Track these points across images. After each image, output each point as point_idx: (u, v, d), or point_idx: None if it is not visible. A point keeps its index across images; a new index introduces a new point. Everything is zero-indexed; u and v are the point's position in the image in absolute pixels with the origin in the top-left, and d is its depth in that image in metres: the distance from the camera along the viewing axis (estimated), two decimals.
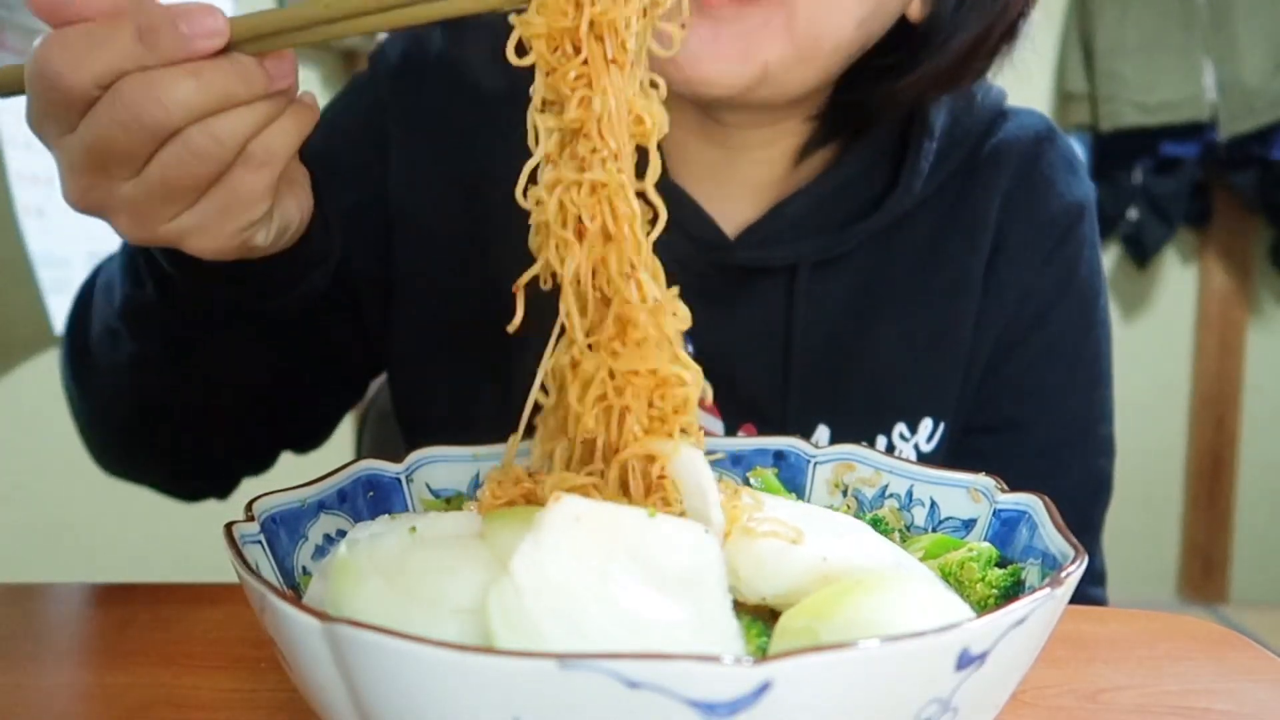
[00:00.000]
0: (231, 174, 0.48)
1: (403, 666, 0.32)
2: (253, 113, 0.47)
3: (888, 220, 0.75)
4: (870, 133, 0.76)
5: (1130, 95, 2.79)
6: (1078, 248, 0.79)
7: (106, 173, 0.47)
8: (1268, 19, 2.75)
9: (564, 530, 0.39)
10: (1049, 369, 0.79)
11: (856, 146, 0.76)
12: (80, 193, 0.49)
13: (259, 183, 0.49)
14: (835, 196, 0.75)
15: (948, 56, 0.69)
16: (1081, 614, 0.62)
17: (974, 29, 0.69)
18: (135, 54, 0.45)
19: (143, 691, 0.51)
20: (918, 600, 0.41)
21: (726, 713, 0.31)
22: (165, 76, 0.45)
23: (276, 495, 0.49)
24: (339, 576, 0.41)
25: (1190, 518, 3.11)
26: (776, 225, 0.75)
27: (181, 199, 0.48)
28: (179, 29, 0.45)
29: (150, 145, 0.46)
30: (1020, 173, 0.79)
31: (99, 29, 0.45)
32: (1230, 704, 0.51)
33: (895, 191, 0.75)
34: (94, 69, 0.44)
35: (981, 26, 0.69)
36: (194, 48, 0.45)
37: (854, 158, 0.75)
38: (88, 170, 0.47)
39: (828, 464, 0.60)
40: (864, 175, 0.76)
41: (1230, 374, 3.04)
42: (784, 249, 0.74)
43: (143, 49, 0.45)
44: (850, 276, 0.76)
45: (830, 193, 0.75)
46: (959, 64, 0.70)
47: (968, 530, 0.54)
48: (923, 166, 0.75)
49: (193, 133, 0.46)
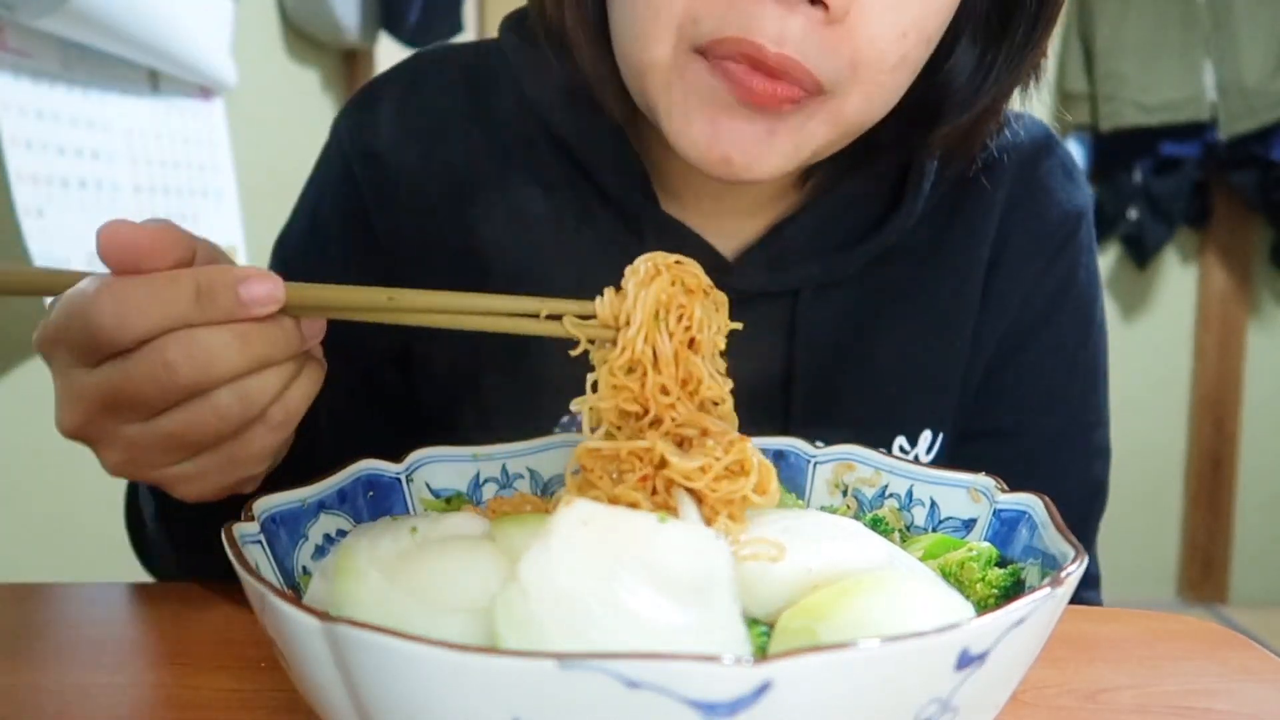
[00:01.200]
0: (247, 434, 0.47)
1: (403, 666, 0.32)
2: (282, 373, 0.47)
3: (889, 242, 0.74)
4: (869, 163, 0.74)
5: (1130, 95, 2.79)
6: (1076, 254, 0.79)
7: (114, 414, 0.46)
8: (1268, 19, 2.75)
9: (573, 534, 0.39)
10: (1046, 375, 0.79)
11: (854, 173, 0.74)
12: (77, 426, 0.47)
13: (273, 441, 0.48)
14: (836, 218, 0.74)
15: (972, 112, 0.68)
16: (1081, 614, 0.62)
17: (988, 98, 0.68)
18: (189, 314, 0.44)
19: (143, 691, 0.51)
20: (918, 600, 0.41)
21: (726, 713, 0.31)
22: (211, 337, 0.44)
23: (276, 495, 0.49)
24: (339, 576, 0.41)
25: (1190, 518, 3.11)
26: (776, 248, 0.74)
27: (185, 450, 0.47)
28: (238, 294, 0.44)
29: (175, 401, 0.45)
30: (1019, 182, 0.78)
31: (162, 286, 0.44)
32: (1230, 704, 0.51)
33: (898, 213, 0.74)
34: (145, 325, 0.43)
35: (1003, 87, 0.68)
36: (249, 313, 0.44)
37: (855, 177, 0.74)
38: (94, 408, 0.46)
39: (828, 464, 0.60)
40: (865, 195, 0.75)
41: (1230, 374, 3.04)
42: (785, 274, 0.73)
43: (197, 308, 0.44)
44: (850, 295, 0.75)
45: (831, 215, 0.74)
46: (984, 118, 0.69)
47: (968, 530, 0.54)
48: (925, 187, 0.74)
49: (221, 393, 0.45)
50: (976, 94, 0.68)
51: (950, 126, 0.69)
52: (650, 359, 0.49)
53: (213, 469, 0.48)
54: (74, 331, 0.44)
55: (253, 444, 0.48)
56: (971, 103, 0.68)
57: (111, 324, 0.43)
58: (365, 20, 2.16)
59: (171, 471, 0.48)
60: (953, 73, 0.67)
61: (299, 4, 1.98)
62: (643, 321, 0.49)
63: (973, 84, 0.68)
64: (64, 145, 1.24)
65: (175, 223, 0.46)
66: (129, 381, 0.44)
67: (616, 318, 0.50)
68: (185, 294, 0.44)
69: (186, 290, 0.44)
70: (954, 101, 0.68)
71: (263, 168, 1.84)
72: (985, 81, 0.67)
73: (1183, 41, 2.79)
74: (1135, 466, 2.98)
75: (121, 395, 0.45)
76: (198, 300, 0.44)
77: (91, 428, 0.47)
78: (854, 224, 0.75)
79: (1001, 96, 0.69)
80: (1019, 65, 0.67)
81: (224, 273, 0.45)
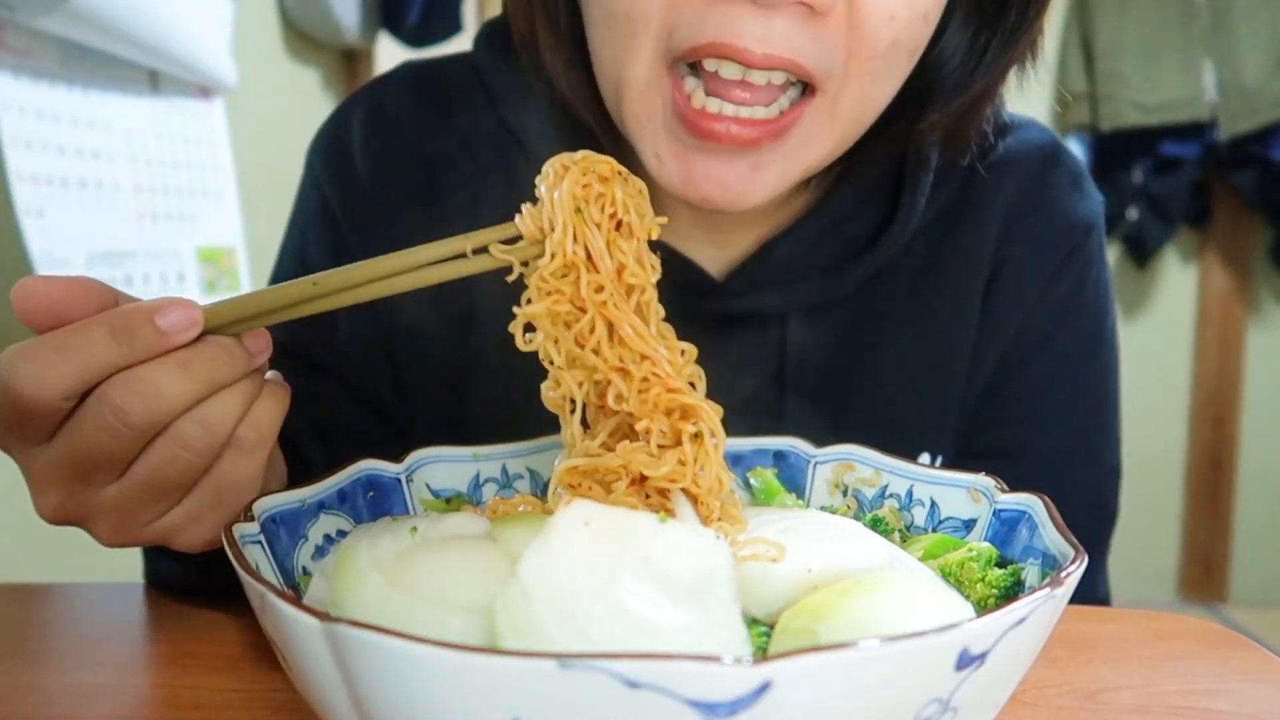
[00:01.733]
0: (222, 463, 0.47)
1: (403, 666, 0.32)
2: (238, 394, 0.46)
3: (883, 260, 0.72)
4: (862, 166, 0.72)
5: (1130, 95, 2.79)
6: (1084, 267, 0.76)
7: (87, 480, 0.45)
8: (1268, 19, 2.75)
9: (573, 534, 0.39)
10: (1053, 392, 0.76)
11: (848, 181, 0.72)
12: (55, 506, 0.46)
13: (250, 466, 0.48)
14: (827, 236, 0.72)
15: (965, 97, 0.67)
16: (1081, 614, 0.62)
17: (983, 81, 0.66)
18: (110, 357, 0.43)
19: (143, 691, 0.51)
20: (917, 600, 0.41)
21: (726, 713, 0.31)
22: (151, 371, 0.43)
23: (276, 495, 0.49)
24: (340, 576, 0.41)
25: (1190, 518, 3.11)
26: (766, 268, 0.71)
27: (168, 496, 0.47)
28: (155, 324, 0.43)
29: (137, 445, 0.44)
30: (1023, 191, 0.75)
31: (67, 338, 0.43)
32: (1230, 704, 0.51)
33: (891, 230, 0.71)
34: (63, 382, 0.43)
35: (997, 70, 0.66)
36: (172, 342, 0.44)
37: (846, 192, 0.72)
38: (64, 480, 0.45)
39: (828, 464, 0.60)
40: (857, 211, 0.72)
41: (1230, 374, 3.04)
42: (775, 296, 0.71)
43: (119, 349, 0.43)
44: (844, 312, 0.73)
45: (821, 233, 0.71)
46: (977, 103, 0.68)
47: (968, 530, 0.54)
48: (920, 202, 0.71)
49: (181, 425, 0.44)
50: (971, 76, 0.66)
51: (943, 112, 0.67)
52: (584, 258, 0.47)
53: (203, 509, 0.48)
54: (6, 410, 0.44)
55: (232, 472, 0.47)
56: (966, 85, 0.66)
57: (32, 389, 0.42)
58: (365, 20, 2.16)
59: (163, 524, 0.48)
60: (944, 55, 0.66)
61: (299, 4, 1.98)
62: (565, 220, 0.47)
63: (966, 66, 0.66)
64: (64, 145, 1.24)
65: (92, 279, 0.46)
66: (84, 439, 0.44)
67: (541, 229, 0.48)
68: (99, 338, 0.43)
69: (98, 334, 0.43)
70: (947, 85, 0.66)
71: (262, 168, 1.84)
72: (979, 63, 0.66)
73: (1182, 41, 2.79)
74: (1135, 466, 2.96)
75: (83, 457, 0.44)
76: (115, 341, 0.43)
77: (70, 504, 0.46)
78: (846, 241, 0.72)
79: (996, 79, 0.67)
80: (1013, 46, 0.65)
81: (136, 309, 0.44)
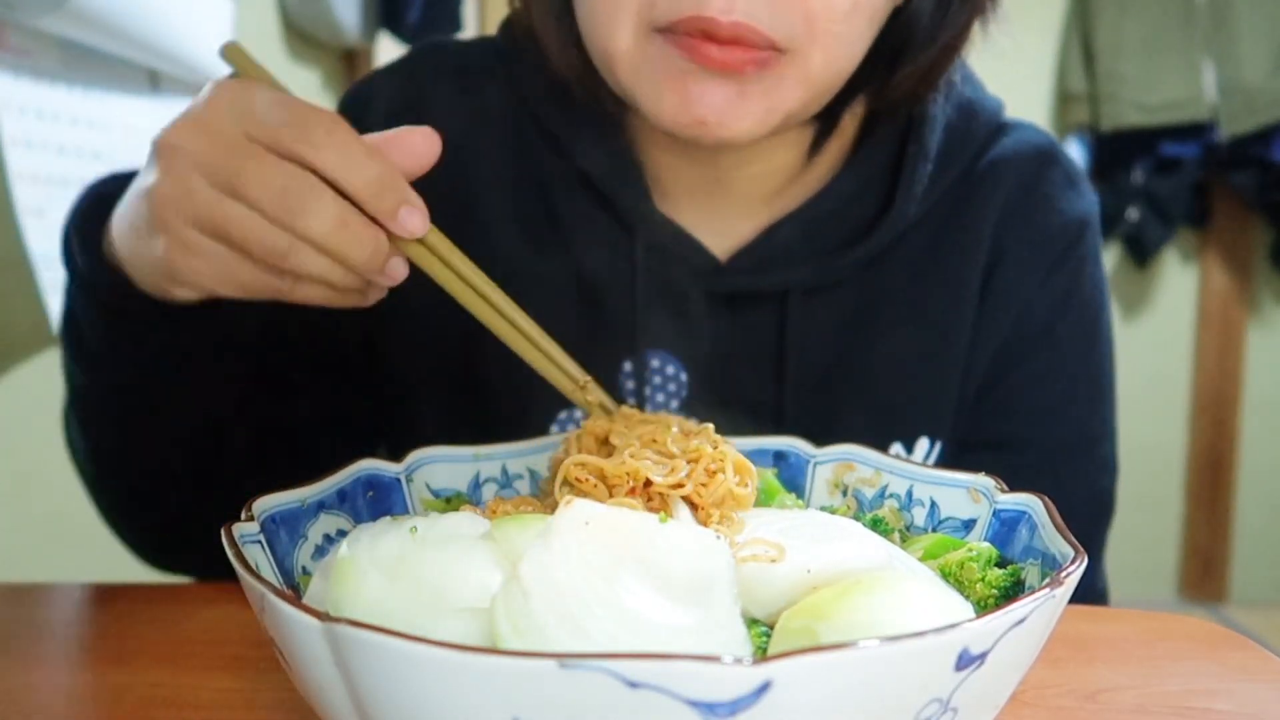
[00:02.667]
0: (298, 247, 0.50)
1: (403, 666, 0.32)
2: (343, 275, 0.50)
3: (880, 245, 0.74)
4: (865, 151, 0.75)
5: (1130, 95, 2.79)
6: (1080, 264, 0.78)
7: (215, 178, 0.48)
8: (1268, 19, 2.75)
9: (574, 534, 0.39)
10: (1049, 386, 0.78)
11: (850, 166, 0.75)
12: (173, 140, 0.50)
13: (315, 266, 0.50)
14: (827, 220, 0.74)
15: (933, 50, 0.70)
16: (1081, 614, 0.62)
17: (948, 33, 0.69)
18: (349, 178, 0.48)
19: (143, 691, 0.51)
20: (917, 600, 0.41)
21: (726, 713, 0.31)
22: (335, 205, 0.48)
23: (276, 495, 0.49)
24: (340, 576, 0.41)
25: (1190, 518, 3.11)
26: (768, 249, 0.74)
27: (254, 242, 0.50)
28: (399, 211, 0.49)
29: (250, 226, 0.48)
30: (1019, 189, 0.77)
31: (362, 155, 0.48)
32: (1230, 704, 0.51)
33: (889, 216, 0.74)
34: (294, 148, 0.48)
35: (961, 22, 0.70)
36: (392, 223, 0.49)
37: (848, 178, 0.74)
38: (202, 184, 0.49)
39: (828, 464, 0.60)
40: (857, 197, 0.75)
41: (1230, 374, 3.04)
42: (775, 275, 0.73)
43: (366, 195, 0.48)
44: (843, 298, 0.75)
45: (822, 216, 0.74)
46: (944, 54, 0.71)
47: (968, 530, 0.54)
48: (916, 190, 0.74)
49: (302, 250, 0.49)
50: (938, 29, 0.69)
51: (913, 66, 0.70)
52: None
53: (243, 270, 0.51)
54: (229, 103, 0.49)
55: (296, 258, 0.50)
56: (933, 38, 0.69)
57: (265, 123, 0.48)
58: (365, 20, 2.16)
59: (202, 241, 0.50)
60: (917, 13, 0.69)
61: (299, 4, 1.98)
62: None
63: (934, 20, 0.69)
64: (64, 145, 1.24)
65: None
66: (258, 183, 0.48)
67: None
68: (365, 168, 0.48)
69: (370, 169, 0.48)
70: (916, 41, 0.70)
71: None
72: (945, 17, 0.69)
73: (1183, 41, 2.79)
74: (1135, 466, 2.96)
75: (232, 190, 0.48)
76: (363, 179, 0.48)
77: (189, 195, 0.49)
78: (846, 226, 0.75)
79: (963, 31, 0.70)
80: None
81: (400, 186, 0.49)
